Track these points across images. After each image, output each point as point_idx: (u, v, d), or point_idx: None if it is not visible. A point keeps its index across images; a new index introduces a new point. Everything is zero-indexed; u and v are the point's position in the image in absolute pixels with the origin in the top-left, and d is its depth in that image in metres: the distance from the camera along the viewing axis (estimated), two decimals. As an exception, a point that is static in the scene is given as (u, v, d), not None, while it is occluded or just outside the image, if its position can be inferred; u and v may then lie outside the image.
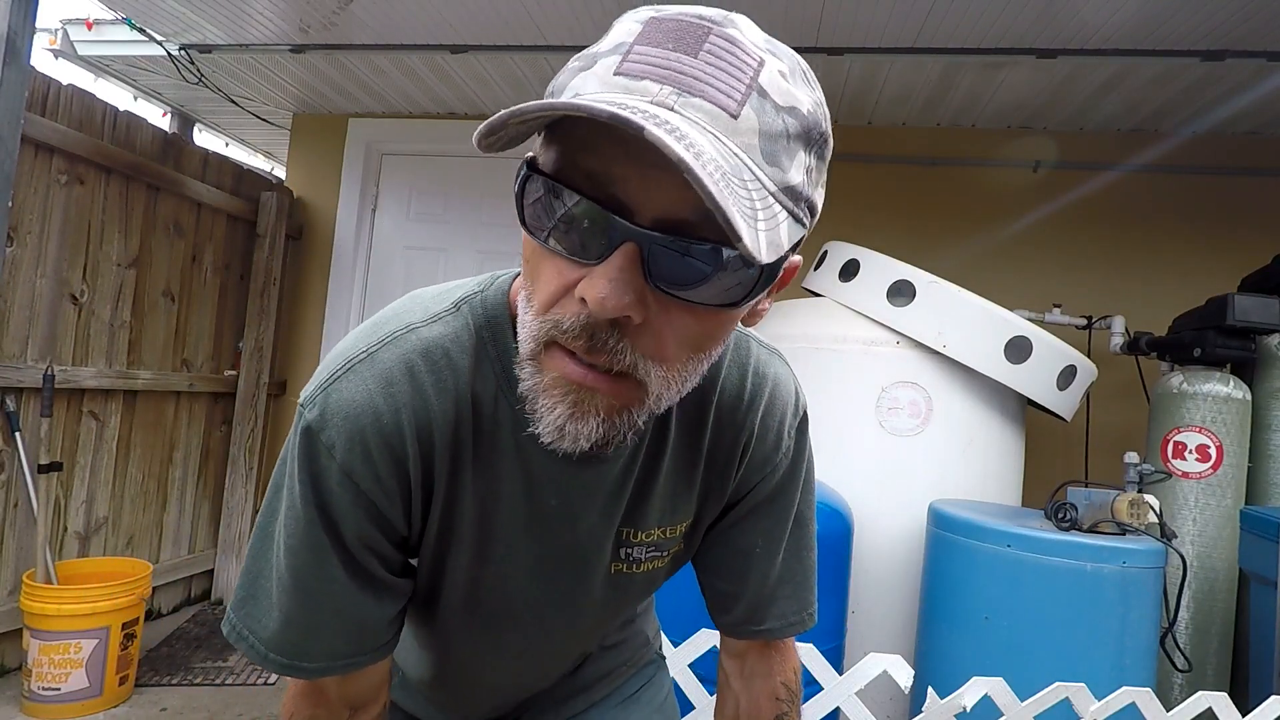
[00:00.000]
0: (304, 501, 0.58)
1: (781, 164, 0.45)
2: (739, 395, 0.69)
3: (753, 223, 0.41)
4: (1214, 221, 3.12)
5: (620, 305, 0.44)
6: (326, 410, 0.58)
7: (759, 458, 0.72)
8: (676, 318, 0.48)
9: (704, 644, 1.49)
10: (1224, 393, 2.37)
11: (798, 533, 0.77)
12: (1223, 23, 2.31)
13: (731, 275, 0.46)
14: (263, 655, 0.61)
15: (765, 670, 0.82)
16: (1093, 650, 1.75)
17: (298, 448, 0.59)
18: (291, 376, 3.74)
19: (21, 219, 2.35)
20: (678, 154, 0.38)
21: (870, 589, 2.25)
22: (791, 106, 0.46)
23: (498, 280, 0.65)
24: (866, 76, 2.90)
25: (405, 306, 0.64)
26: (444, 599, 0.69)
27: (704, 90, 0.43)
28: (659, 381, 0.49)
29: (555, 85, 0.48)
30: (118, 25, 3.05)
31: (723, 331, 0.52)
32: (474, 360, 0.61)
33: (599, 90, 0.44)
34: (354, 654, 0.63)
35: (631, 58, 0.45)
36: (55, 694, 2.17)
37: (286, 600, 0.60)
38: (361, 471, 0.58)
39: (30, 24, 1.88)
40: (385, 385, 0.58)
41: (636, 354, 0.47)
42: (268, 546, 0.62)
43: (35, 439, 2.42)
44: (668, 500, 0.69)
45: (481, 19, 2.67)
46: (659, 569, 0.74)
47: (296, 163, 3.82)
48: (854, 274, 2.39)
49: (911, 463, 2.27)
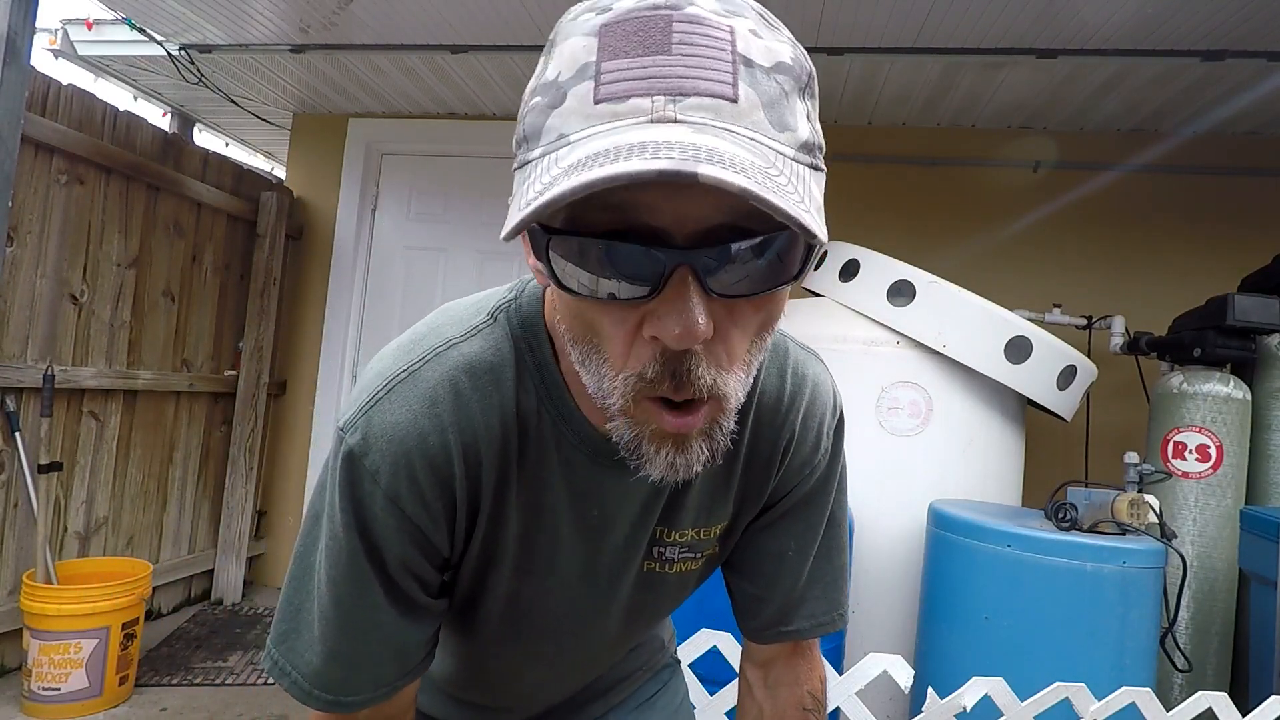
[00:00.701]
0: (346, 529, 0.57)
1: (790, 125, 0.44)
2: (779, 397, 0.68)
3: (806, 209, 0.40)
4: (1214, 221, 3.12)
5: (696, 335, 0.43)
6: (370, 434, 0.56)
7: (798, 460, 0.71)
8: (740, 315, 0.47)
9: (704, 644, 1.49)
10: (1224, 393, 2.37)
11: (831, 533, 0.76)
12: (1223, 23, 2.31)
13: (783, 255, 0.45)
14: (306, 692, 0.60)
15: (791, 679, 0.79)
16: (1093, 650, 1.75)
17: (339, 474, 0.57)
18: (291, 376, 3.74)
19: (21, 219, 2.35)
20: (740, 187, 0.36)
21: (870, 589, 2.25)
22: (776, 62, 0.45)
23: (529, 285, 0.63)
24: (866, 76, 2.90)
25: (440, 321, 0.62)
26: (482, 612, 0.68)
27: (696, 85, 0.41)
28: (735, 385, 0.48)
29: (528, 128, 0.45)
30: (118, 25, 3.05)
31: (781, 308, 0.50)
32: (516, 373, 0.59)
33: (586, 127, 0.42)
34: (395, 679, 0.62)
35: (605, 78, 0.42)
36: (55, 694, 2.17)
37: (331, 633, 0.59)
38: (407, 496, 0.56)
39: (30, 24, 1.88)
40: (430, 405, 0.56)
41: (712, 370, 0.46)
42: (309, 578, 0.60)
43: (35, 439, 2.42)
44: (704, 501, 0.68)
45: (481, 19, 2.67)
46: (692, 571, 0.72)
47: (296, 163, 3.82)
48: (854, 274, 2.39)
49: (911, 463, 2.27)
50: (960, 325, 2.23)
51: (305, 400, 3.72)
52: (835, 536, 0.77)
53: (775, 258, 0.44)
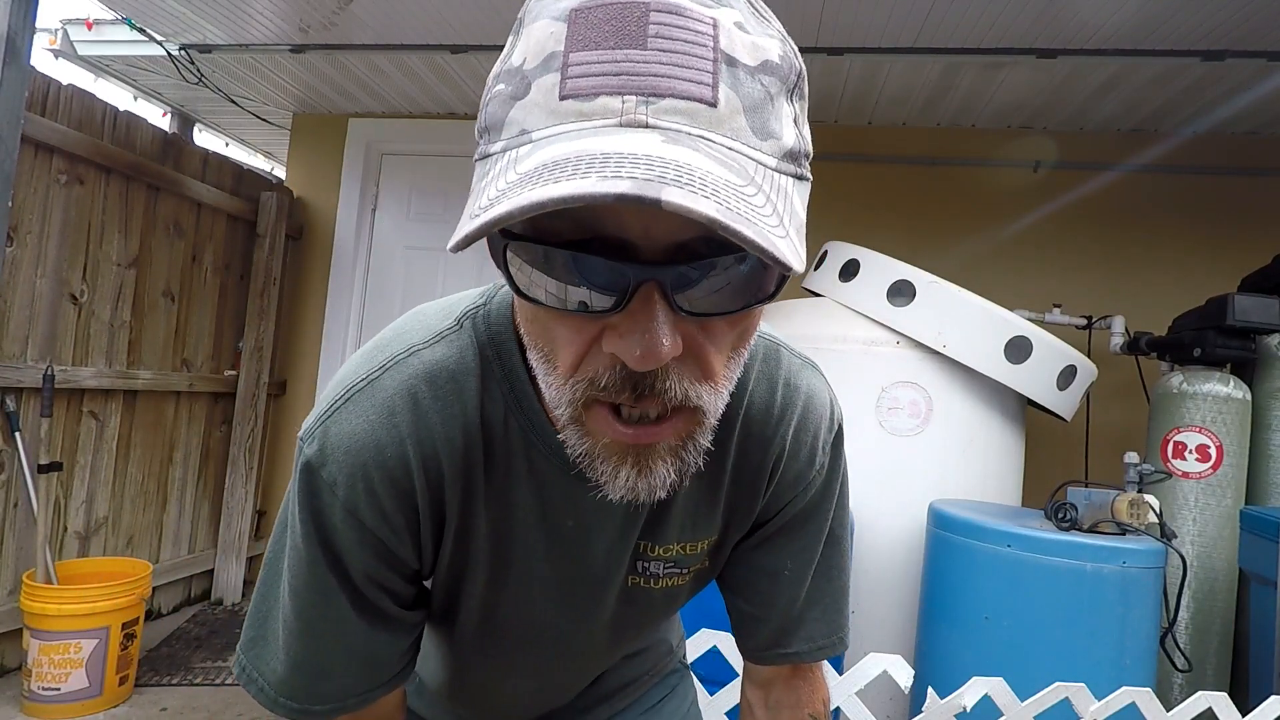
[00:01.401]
0: (306, 541, 0.56)
1: (774, 131, 0.41)
2: (768, 409, 0.65)
3: (783, 233, 0.37)
4: (1214, 221, 3.12)
5: (661, 356, 0.40)
6: (326, 445, 0.55)
7: (791, 475, 0.67)
8: (714, 332, 0.44)
9: (704, 644, 1.49)
10: (1224, 393, 2.37)
11: (829, 552, 0.72)
12: (1223, 23, 2.31)
13: (758, 272, 0.42)
14: (272, 699, 0.60)
15: (793, 701, 0.76)
16: (1093, 650, 1.75)
17: (298, 485, 0.56)
18: (291, 376, 3.74)
19: (21, 219, 2.35)
20: (708, 216, 0.33)
21: (870, 589, 2.25)
22: (763, 62, 0.41)
23: (501, 291, 0.61)
24: (866, 76, 2.89)
25: (407, 325, 0.60)
26: (459, 623, 0.67)
27: (671, 86, 0.38)
28: (710, 398, 0.45)
29: (489, 119, 0.42)
30: (118, 25, 3.05)
31: (757, 322, 0.48)
32: (481, 381, 0.57)
33: (549, 124, 0.39)
34: (367, 689, 0.61)
35: (572, 71, 0.39)
36: (55, 694, 2.17)
37: (294, 643, 0.58)
38: (366, 509, 0.55)
39: (30, 24, 1.88)
40: (387, 415, 0.55)
41: (684, 383, 0.43)
42: (275, 584, 0.60)
43: (35, 439, 2.42)
44: (688, 516, 0.66)
45: (481, 19, 2.67)
46: (680, 586, 0.70)
47: (296, 163, 3.82)
48: (854, 274, 2.39)
49: (911, 463, 2.27)
50: (960, 325, 2.23)
51: (305, 400, 3.72)
52: (835, 556, 0.73)
53: (749, 276, 0.42)
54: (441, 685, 0.79)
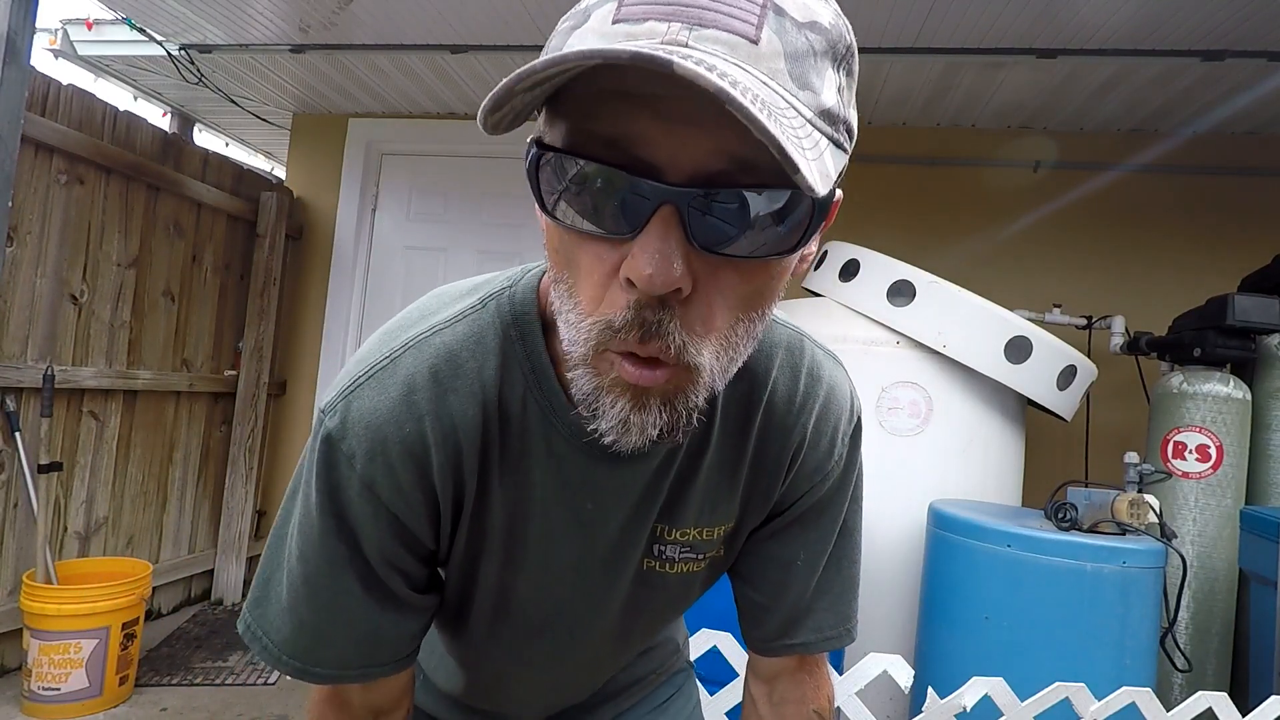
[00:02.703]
0: (320, 511, 0.57)
1: (813, 85, 0.41)
2: (790, 398, 0.66)
3: (802, 152, 0.37)
4: (1214, 221, 3.12)
5: (669, 280, 0.41)
6: (348, 419, 0.56)
7: (810, 465, 0.68)
8: (724, 279, 0.44)
9: (704, 644, 1.49)
10: (1224, 393, 2.37)
11: (842, 543, 0.73)
12: (1223, 23, 2.31)
13: (780, 219, 0.42)
14: (276, 657, 0.60)
15: (797, 696, 0.76)
16: (1093, 650, 1.75)
17: (317, 455, 0.57)
18: (291, 376, 3.74)
19: (21, 219, 2.35)
20: (716, 85, 0.34)
21: (870, 589, 2.25)
22: (812, 21, 0.42)
23: (528, 274, 0.62)
24: (866, 76, 2.89)
25: (430, 305, 0.61)
26: (474, 608, 0.67)
27: (716, 19, 0.39)
28: (710, 356, 0.46)
29: (550, 49, 0.44)
30: (118, 25, 3.05)
31: (773, 287, 0.48)
32: (501, 361, 0.58)
33: (600, 43, 0.40)
34: (365, 665, 0.62)
35: (629, 1, 0.41)
36: (55, 694, 2.17)
37: (300, 606, 0.59)
38: (383, 483, 0.56)
39: (30, 24, 1.88)
40: (408, 393, 0.56)
41: (684, 333, 0.44)
42: (282, 548, 0.61)
43: (35, 439, 2.42)
44: (707, 500, 0.66)
45: (481, 19, 2.67)
46: (695, 573, 0.70)
47: (296, 163, 3.82)
48: (854, 274, 2.39)
49: (911, 463, 2.27)
50: (960, 325, 2.23)
51: (305, 400, 3.72)
52: (847, 547, 0.74)
53: (772, 219, 0.42)
54: (452, 678, 0.79)
